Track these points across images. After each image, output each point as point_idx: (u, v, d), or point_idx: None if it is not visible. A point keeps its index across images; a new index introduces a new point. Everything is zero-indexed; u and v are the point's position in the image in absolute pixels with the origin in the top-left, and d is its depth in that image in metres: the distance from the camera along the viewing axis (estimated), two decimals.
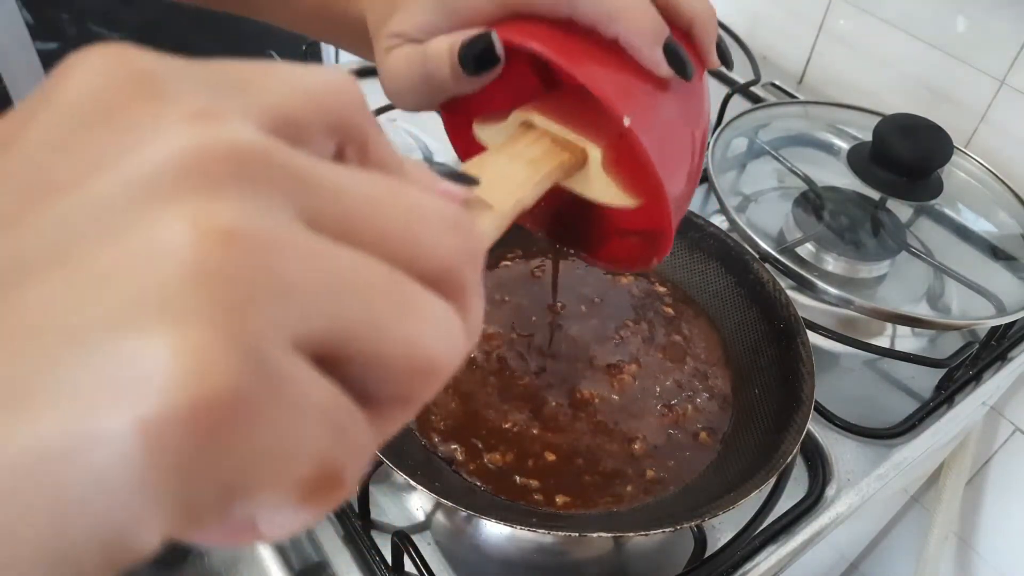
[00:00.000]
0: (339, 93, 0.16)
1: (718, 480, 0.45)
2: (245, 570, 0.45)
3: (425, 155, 0.74)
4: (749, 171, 0.72)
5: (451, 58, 0.29)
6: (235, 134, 0.13)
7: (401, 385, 0.14)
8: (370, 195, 0.14)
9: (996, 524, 0.88)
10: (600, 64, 0.29)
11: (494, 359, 0.51)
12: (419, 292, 0.14)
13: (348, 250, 0.13)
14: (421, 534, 0.46)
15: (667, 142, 0.30)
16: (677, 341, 0.54)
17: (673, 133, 0.31)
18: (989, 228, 0.69)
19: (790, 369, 0.48)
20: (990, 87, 0.74)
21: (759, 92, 0.85)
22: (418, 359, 0.14)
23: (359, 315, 0.13)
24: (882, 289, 0.65)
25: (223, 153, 0.12)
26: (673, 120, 0.31)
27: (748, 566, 0.46)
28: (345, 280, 0.13)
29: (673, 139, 0.31)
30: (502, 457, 0.46)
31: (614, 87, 0.29)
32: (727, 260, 0.56)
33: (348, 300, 0.13)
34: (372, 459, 0.43)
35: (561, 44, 0.29)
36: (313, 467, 0.12)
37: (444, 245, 0.15)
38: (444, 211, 0.16)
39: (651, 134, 0.29)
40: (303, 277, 0.12)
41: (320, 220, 0.13)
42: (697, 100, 0.33)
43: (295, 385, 0.12)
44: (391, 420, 0.15)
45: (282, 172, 0.13)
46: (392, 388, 0.14)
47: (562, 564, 0.47)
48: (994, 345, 0.62)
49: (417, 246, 0.15)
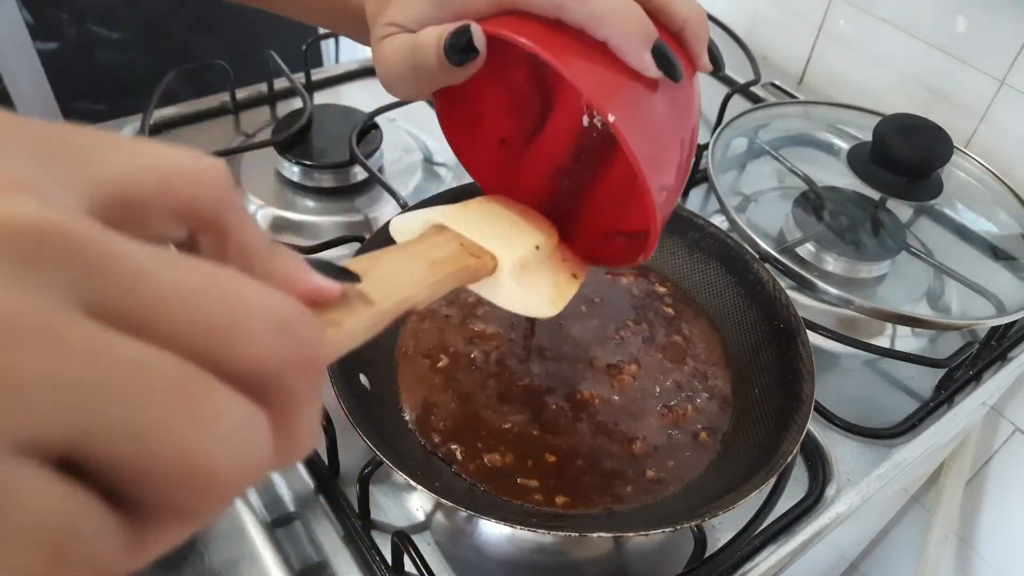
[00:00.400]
0: (195, 178, 0.15)
1: (718, 480, 0.45)
2: (245, 570, 0.45)
3: (425, 155, 0.74)
4: (749, 171, 0.72)
5: (438, 49, 0.30)
6: (21, 210, 0.12)
7: (171, 496, 0.13)
8: (180, 285, 0.13)
9: (996, 524, 0.88)
10: (586, 61, 0.29)
11: (494, 360, 0.51)
12: (213, 396, 0.13)
13: (131, 345, 0.12)
14: (421, 534, 0.46)
15: (653, 140, 0.31)
16: (677, 341, 0.54)
17: (660, 132, 0.31)
18: (989, 228, 0.69)
19: (790, 369, 0.48)
20: (990, 87, 0.74)
21: (759, 92, 0.85)
22: (192, 471, 0.13)
23: (115, 420, 0.12)
24: (882, 289, 0.65)
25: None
26: (660, 120, 0.31)
27: (748, 566, 0.46)
28: (104, 380, 0.12)
29: (659, 138, 0.31)
30: (502, 457, 0.46)
31: (598, 83, 0.29)
32: (727, 260, 0.56)
33: (102, 403, 0.12)
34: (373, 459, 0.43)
35: (548, 40, 0.29)
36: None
37: (263, 346, 0.14)
38: (274, 310, 0.14)
39: (636, 132, 0.29)
40: (47, 376, 0.11)
41: (110, 309, 0.12)
42: (686, 102, 0.33)
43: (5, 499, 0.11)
44: (164, 533, 0.14)
45: (69, 254, 0.12)
46: (162, 498, 0.13)
47: (562, 564, 0.47)
48: (994, 345, 0.62)
49: (228, 345, 0.13)
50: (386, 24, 0.32)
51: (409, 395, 0.49)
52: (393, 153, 0.74)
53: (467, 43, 0.29)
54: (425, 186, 0.71)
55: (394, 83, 0.33)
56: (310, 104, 0.72)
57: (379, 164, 0.71)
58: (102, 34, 1.06)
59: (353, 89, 0.83)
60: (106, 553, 0.12)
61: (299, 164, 0.68)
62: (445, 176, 0.72)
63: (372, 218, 0.67)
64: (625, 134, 0.29)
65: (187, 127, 0.75)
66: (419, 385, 0.49)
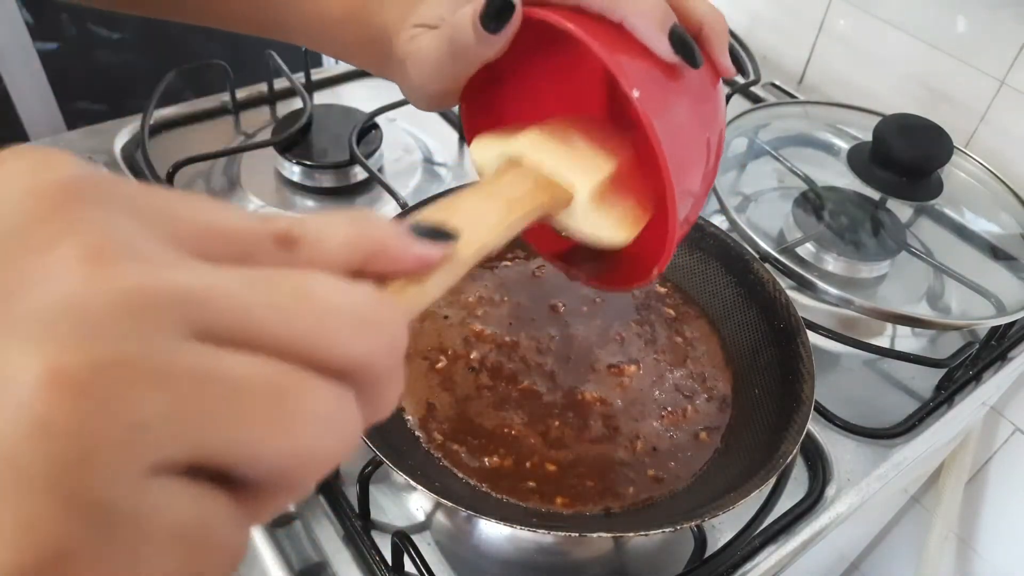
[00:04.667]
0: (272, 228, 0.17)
1: (718, 480, 0.45)
2: (245, 570, 0.45)
3: (425, 155, 0.74)
4: (749, 171, 0.72)
5: (474, 19, 0.30)
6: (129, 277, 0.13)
7: (280, 479, 0.15)
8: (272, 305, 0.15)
9: (996, 524, 0.88)
10: (611, 39, 0.29)
11: (493, 360, 0.51)
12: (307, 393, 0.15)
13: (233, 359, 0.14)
14: (421, 534, 0.46)
15: (677, 129, 0.30)
16: (678, 342, 0.54)
17: (683, 125, 0.31)
18: (989, 228, 0.69)
19: (790, 369, 0.48)
20: (990, 87, 0.74)
21: (759, 92, 0.85)
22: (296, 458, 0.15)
23: (226, 430, 0.14)
24: (882, 289, 0.65)
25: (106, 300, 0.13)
26: (684, 111, 0.31)
27: (748, 566, 0.46)
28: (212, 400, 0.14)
29: (683, 130, 0.31)
30: (501, 458, 0.46)
31: (623, 59, 0.29)
32: (727, 260, 0.56)
33: (213, 420, 0.14)
34: (373, 459, 0.43)
35: (573, 19, 0.29)
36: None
37: (350, 345, 0.16)
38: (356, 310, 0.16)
39: (660, 115, 0.29)
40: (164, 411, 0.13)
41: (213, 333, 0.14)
42: (712, 103, 0.33)
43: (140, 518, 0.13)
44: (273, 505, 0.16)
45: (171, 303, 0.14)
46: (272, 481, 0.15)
47: (562, 564, 0.47)
48: (994, 345, 0.62)
49: (319, 350, 0.15)
50: (414, 26, 0.33)
51: (409, 395, 0.49)
52: (393, 153, 0.74)
53: (502, 5, 0.30)
54: (425, 186, 0.71)
55: (428, 76, 0.33)
56: (310, 104, 0.72)
57: (379, 164, 0.71)
58: (102, 34, 1.06)
59: (353, 89, 0.83)
60: (231, 535, 0.15)
61: (299, 164, 0.68)
62: (445, 176, 0.72)
63: None
64: (648, 111, 0.28)
65: (187, 127, 0.75)
66: (419, 386, 0.49)
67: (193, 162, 0.66)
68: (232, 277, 0.15)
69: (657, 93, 0.30)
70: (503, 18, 0.30)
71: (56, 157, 0.15)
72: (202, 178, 0.69)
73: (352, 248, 0.18)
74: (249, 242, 0.16)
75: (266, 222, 0.17)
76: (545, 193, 0.30)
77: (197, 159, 0.66)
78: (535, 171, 0.31)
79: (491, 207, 0.27)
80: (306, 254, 0.17)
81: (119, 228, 0.14)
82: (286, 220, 0.17)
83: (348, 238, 0.18)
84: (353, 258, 0.18)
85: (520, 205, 0.28)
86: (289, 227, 0.17)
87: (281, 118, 0.71)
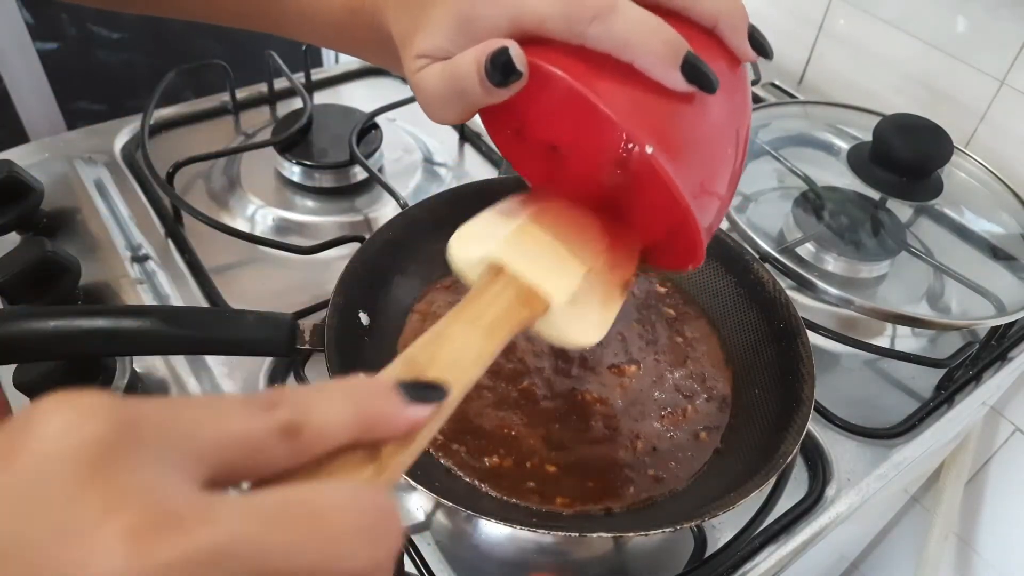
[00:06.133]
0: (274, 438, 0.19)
1: (718, 480, 0.45)
2: None
3: (425, 155, 0.74)
4: (749, 171, 0.72)
5: (479, 70, 0.30)
6: (160, 555, 0.15)
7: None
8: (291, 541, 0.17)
9: (996, 524, 0.88)
10: (616, 85, 0.29)
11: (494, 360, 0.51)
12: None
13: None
14: (421, 534, 0.46)
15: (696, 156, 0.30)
16: (678, 342, 0.54)
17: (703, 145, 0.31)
18: (989, 228, 0.69)
19: (790, 369, 0.48)
20: (990, 87, 0.74)
21: (759, 92, 0.85)
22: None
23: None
24: (882, 289, 0.65)
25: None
26: (706, 127, 0.31)
27: (748, 566, 0.46)
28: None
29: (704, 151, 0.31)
30: (501, 458, 0.46)
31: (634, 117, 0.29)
32: (727, 260, 0.56)
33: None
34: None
35: (576, 66, 0.29)
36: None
37: (360, 559, 0.18)
38: (365, 520, 0.18)
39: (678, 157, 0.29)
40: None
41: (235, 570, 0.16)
42: (740, 94, 0.33)
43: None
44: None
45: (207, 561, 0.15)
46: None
47: (562, 564, 0.47)
48: (994, 345, 0.62)
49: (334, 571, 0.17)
50: (417, 56, 0.32)
51: None
52: (393, 153, 0.74)
53: (507, 62, 0.29)
54: (425, 186, 0.71)
55: (438, 109, 0.33)
56: (310, 104, 0.72)
57: (379, 164, 0.71)
58: (102, 34, 1.06)
59: (353, 89, 0.83)
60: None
61: (299, 164, 0.68)
62: (445, 176, 0.72)
63: (372, 218, 0.67)
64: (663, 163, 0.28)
65: (187, 127, 0.75)
66: None
67: (193, 162, 0.66)
68: (252, 517, 0.16)
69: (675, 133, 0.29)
70: (508, 76, 0.30)
71: (88, 409, 0.16)
72: (202, 178, 0.69)
73: (351, 429, 0.20)
74: (260, 440, 0.18)
75: (271, 412, 0.19)
76: (525, 308, 0.31)
77: (197, 159, 0.66)
78: (515, 281, 0.31)
79: (474, 338, 0.28)
80: (309, 443, 0.19)
81: (154, 490, 0.16)
82: (287, 406, 0.19)
83: (346, 420, 0.20)
84: (352, 436, 0.20)
85: (500, 329, 0.29)
86: (291, 418, 0.19)
87: (281, 118, 0.71)
